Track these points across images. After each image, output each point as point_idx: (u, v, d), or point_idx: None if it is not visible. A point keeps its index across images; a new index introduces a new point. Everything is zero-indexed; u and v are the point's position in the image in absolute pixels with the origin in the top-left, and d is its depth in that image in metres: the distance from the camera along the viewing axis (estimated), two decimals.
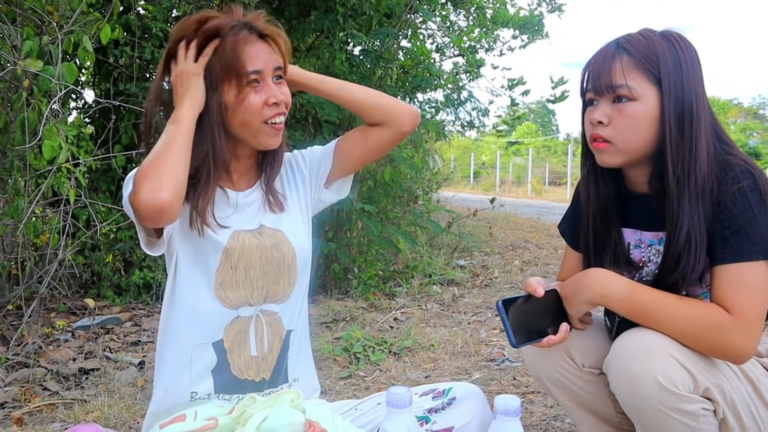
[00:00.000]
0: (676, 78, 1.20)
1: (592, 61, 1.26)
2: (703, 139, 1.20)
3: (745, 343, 1.13)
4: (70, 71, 2.50)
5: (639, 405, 1.15)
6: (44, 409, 2.16)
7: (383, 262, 4.56)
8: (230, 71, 1.20)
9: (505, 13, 5.61)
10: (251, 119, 1.22)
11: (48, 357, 2.62)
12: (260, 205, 1.33)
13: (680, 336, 1.15)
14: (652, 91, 1.20)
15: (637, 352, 1.15)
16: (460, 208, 8.00)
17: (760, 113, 33.13)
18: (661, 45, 1.21)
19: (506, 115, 7.20)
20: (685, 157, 1.19)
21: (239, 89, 1.21)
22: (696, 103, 1.20)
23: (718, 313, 1.14)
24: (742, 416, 1.18)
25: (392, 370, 2.57)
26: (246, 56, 1.21)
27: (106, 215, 3.55)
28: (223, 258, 1.24)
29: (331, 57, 4.29)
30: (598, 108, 1.24)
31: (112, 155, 3.31)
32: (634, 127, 1.21)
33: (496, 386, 2.38)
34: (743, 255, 1.14)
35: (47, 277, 2.76)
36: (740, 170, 1.17)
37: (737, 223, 1.15)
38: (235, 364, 1.26)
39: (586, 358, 1.38)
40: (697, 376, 1.13)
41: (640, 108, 1.20)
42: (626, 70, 1.20)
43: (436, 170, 6.83)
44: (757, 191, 1.15)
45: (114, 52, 3.68)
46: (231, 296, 1.25)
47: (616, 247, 1.35)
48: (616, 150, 1.24)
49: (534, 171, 22.89)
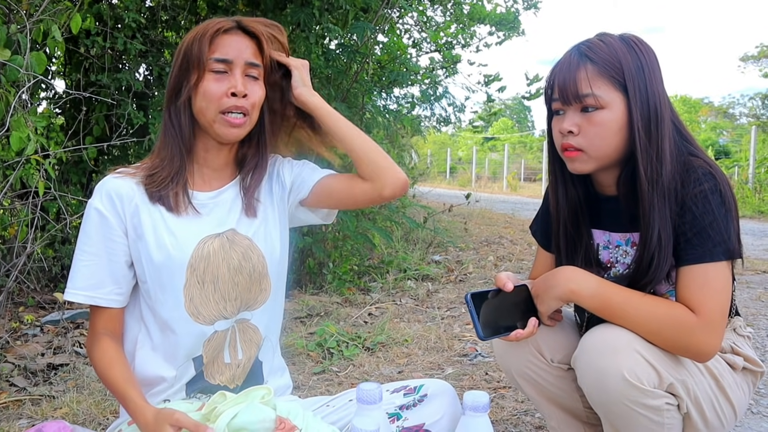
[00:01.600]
0: (640, 82, 1.21)
1: (557, 70, 1.26)
2: (667, 139, 1.22)
3: (709, 342, 1.16)
4: (39, 61, 2.45)
5: (605, 400, 1.17)
6: (11, 405, 2.12)
7: (358, 257, 4.56)
8: (196, 56, 1.22)
9: (481, 10, 5.63)
10: (206, 107, 1.22)
11: (15, 352, 2.58)
12: (232, 206, 1.30)
13: (647, 333, 1.18)
14: (618, 97, 1.22)
15: (603, 348, 1.18)
16: (436, 203, 8.02)
17: (729, 112, 33.77)
18: (622, 50, 1.22)
19: (482, 111, 7.23)
20: (653, 159, 1.21)
21: (200, 74, 1.22)
22: (660, 105, 1.22)
23: (684, 313, 1.16)
24: (705, 411, 1.21)
25: (365, 366, 2.58)
26: (216, 44, 1.22)
27: (77, 208, 3.49)
28: (189, 274, 1.22)
29: (307, 51, 4.27)
30: (566, 117, 1.25)
31: (83, 147, 3.25)
32: (604, 135, 1.22)
33: (468, 381, 2.40)
34: (706, 256, 1.16)
35: (15, 270, 2.71)
36: (702, 172, 1.19)
37: (699, 224, 1.17)
38: (208, 371, 1.26)
39: (556, 353, 1.40)
40: (662, 371, 1.16)
41: (609, 116, 1.22)
42: (591, 79, 1.21)
43: (412, 165, 6.85)
44: (717, 193, 1.17)
45: (85, 42, 3.61)
46: (204, 312, 1.23)
47: (587, 249, 1.37)
48: (588, 158, 1.25)
49: (510, 167, 23.01)
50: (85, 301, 1.20)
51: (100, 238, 1.21)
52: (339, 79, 4.32)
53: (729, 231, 1.17)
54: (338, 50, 4.42)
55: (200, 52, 1.20)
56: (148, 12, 4.04)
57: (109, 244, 1.21)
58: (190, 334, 1.22)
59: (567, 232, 1.39)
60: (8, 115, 2.33)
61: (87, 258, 1.21)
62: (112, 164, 3.84)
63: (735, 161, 14.72)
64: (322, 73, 4.35)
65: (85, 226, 1.22)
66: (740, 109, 33.84)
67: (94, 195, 1.23)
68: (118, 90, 3.70)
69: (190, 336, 1.22)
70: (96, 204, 1.21)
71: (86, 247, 1.21)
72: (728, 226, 1.17)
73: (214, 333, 1.25)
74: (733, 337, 1.34)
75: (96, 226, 1.21)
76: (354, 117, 4.34)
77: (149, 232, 1.21)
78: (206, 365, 1.25)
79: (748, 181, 11.50)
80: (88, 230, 1.21)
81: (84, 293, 1.20)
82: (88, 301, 1.20)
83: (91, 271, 1.20)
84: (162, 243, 1.21)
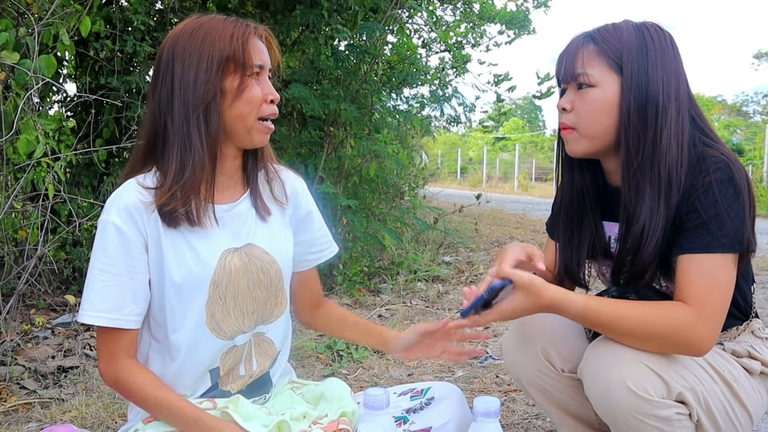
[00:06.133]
0: (639, 66, 1.18)
1: (563, 50, 1.27)
2: (671, 130, 1.17)
3: (707, 334, 1.11)
4: (49, 64, 2.46)
5: (613, 412, 1.14)
6: (20, 408, 2.13)
7: (368, 259, 4.54)
8: (237, 58, 1.15)
9: (491, 8, 5.61)
10: (249, 112, 1.17)
11: (26, 355, 2.58)
12: (246, 218, 1.26)
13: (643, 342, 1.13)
14: (613, 78, 1.20)
15: (607, 360, 1.15)
16: (446, 203, 8.00)
17: (743, 110, 33.49)
18: (628, 34, 1.21)
19: (493, 111, 7.20)
20: (646, 147, 1.18)
21: (242, 78, 1.16)
22: (663, 93, 1.18)
23: (677, 310, 1.12)
24: (718, 419, 1.18)
25: (375, 368, 2.56)
26: (251, 48, 1.17)
27: (88, 210, 3.50)
28: (212, 291, 1.18)
29: (316, 52, 4.27)
30: (565, 96, 1.26)
31: (93, 150, 3.26)
32: (593, 113, 1.21)
33: (479, 384, 2.37)
34: (711, 246, 1.12)
35: (26, 273, 2.71)
36: (714, 161, 1.15)
37: (704, 215, 1.13)
38: (223, 381, 1.24)
39: (566, 362, 1.37)
40: (670, 381, 1.12)
41: (599, 94, 1.20)
42: (587, 58, 1.21)
43: (422, 166, 6.83)
44: (729, 183, 1.13)
45: (95, 45, 3.63)
46: (225, 328, 1.20)
47: (593, 240, 1.34)
48: (579, 136, 1.24)
49: (521, 167, 22.96)
50: (108, 324, 1.13)
51: (122, 256, 1.13)
52: (348, 80, 4.31)
53: (740, 222, 1.12)
54: (347, 51, 4.41)
55: (244, 56, 1.15)
56: (158, 15, 4.05)
57: (130, 261, 1.14)
58: (211, 349, 1.20)
59: (568, 220, 1.36)
60: (16, 118, 2.34)
61: (106, 278, 1.13)
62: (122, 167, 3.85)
63: (749, 159, 14.57)
64: (331, 74, 4.34)
65: (103, 243, 1.13)
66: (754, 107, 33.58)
67: (108, 210, 1.15)
68: (128, 92, 3.72)
69: (210, 351, 1.20)
70: (114, 219, 1.13)
71: (105, 266, 1.13)
72: (741, 217, 1.12)
73: (233, 347, 1.22)
74: (750, 340, 1.30)
75: (115, 242, 1.13)
76: (363, 117, 4.33)
77: (169, 248, 1.16)
78: (222, 377, 1.23)
79: (762, 180, 11.38)
80: (106, 247, 1.13)
81: (106, 315, 1.13)
82: (110, 323, 1.13)
83: (112, 291, 1.13)
84: (183, 259, 1.16)
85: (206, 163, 1.16)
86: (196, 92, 1.14)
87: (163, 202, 1.14)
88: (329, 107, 4.00)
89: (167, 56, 1.17)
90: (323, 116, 4.16)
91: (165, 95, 1.16)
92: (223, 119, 1.17)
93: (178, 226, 1.16)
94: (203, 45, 1.16)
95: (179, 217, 1.15)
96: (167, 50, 1.18)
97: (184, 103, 1.15)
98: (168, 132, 1.16)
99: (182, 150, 1.15)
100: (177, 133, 1.15)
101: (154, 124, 1.18)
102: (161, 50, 1.20)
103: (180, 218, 1.15)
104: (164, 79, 1.17)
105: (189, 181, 1.15)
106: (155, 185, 1.17)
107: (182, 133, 1.15)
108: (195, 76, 1.15)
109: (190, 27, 1.19)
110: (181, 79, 1.15)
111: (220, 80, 1.15)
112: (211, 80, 1.14)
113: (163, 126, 1.16)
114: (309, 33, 4.18)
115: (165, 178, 1.16)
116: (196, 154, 1.15)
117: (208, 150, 1.16)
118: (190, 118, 1.15)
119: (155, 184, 1.17)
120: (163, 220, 1.15)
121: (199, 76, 1.14)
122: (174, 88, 1.15)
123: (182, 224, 1.16)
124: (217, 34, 1.16)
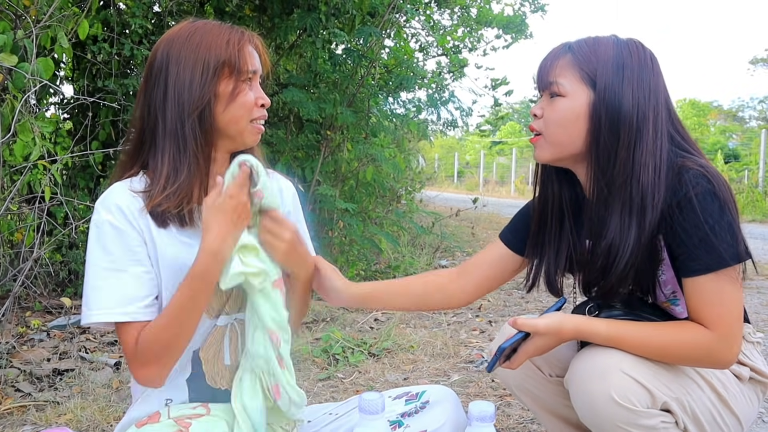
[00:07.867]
0: (613, 81, 1.18)
1: (543, 58, 1.28)
2: (646, 149, 1.16)
3: (731, 352, 1.14)
4: (47, 67, 2.46)
5: (599, 423, 1.15)
6: (15, 411, 2.12)
7: (365, 262, 4.55)
8: (232, 63, 1.17)
9: (488, 13, 5.63)
10: (242, 115, 1.20)
11: (21, 357, 2.58)
12: None
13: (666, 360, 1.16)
14: (583, 90, 1.19)
15: (591, 371, 1.15)
16: (443, 207, 8.00)
17: (739, 115, 33.57)
18: (606, 48, 1.20)
19: (490, 115, 7.22)
20: (617, 164, 1.17)
21: (236, 83, 1.19)
22: (638, 111, 1.17)
23: (698, 335, 1.14)
24: (705, 425, 1.18)
25: (371, 372, 2.56)
26: (245, 54, 1.20)
27: (84, 213, 3.50)
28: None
29: (314, 55, 4.28)
30: (538, 103, 1.27)
31: (90, 152, 3.26)
32: (559, 122, 1.21)
33: (474, 388, 2.38)
34: (711, 267, 1.12)
35: (21, 275, 2.71)
36: (692, 175, 1.13)
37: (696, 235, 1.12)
38: (209, 373, 1.24)
39: (553, 367, 1.38)
40: (654, 391, 1.13)
41: (567, 104, 1.20)
42: (562, 68, 1.22)
43: (419, 170, 6.84)
44: (711, 195, 1.11)
45: (92, 48, 3.63)
46: (213, 303, 1.21)
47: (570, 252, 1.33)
48: (544, 142, 1.25)
49: (518, 171, 22.95)
50: (121, 319, 1.12)
51: (122, 251, 1.13)
52: (345, 84, 4.32)
53: (733, 234, 1.12)
54: (344, 55, 4.42)
55: (239, 61, 1.18)
56: (155, 18, 4.05)
57: (130, 254, 1.14)
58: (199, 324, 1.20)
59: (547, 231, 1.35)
60: (13, 120, 2.34)
61: (109, 275, 1.12)
62: None
63: (745, 165, 14.62)
64: (328, 78, 4.35)
65: (99, 242, 1.13)
66: (750, 112, 33.66)
67: (99, 210, 1.15)
68: (125, 95, 3.72)
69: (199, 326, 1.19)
70: (107, 217, 1.13)
71: (106, 263, 1.12)
72: (732, 229, 1.12)
73: (214, 327, 1.23)
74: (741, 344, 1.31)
75: (113, 238, 1.13)
76: (360, 121, 4.34)
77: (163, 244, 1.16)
78: (206, 364, 1.23)
79: (758, 185, 11.41)
80: (104, 246, 1.13)
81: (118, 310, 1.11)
82: (122, 318, 1.12)
83: (118, 287, 1.12)
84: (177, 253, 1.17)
85: (200, 165, 1.18)
86: (191, 95, 1.16)
87: (156, 204, 1.15)
88: (325, 111, 4.01)
89: (161, 59, 1.18)
90: (320, 120, 4.17)
91: (158, 97, 1.17)
92: (217, 122, 1.19)
93: (169, 227, 1.17)
94: (199, 49, 1.17)
95: (171, 218, 1.17)
96: (161, 53, 1.19)
97: (178, 105, 1.16)
98: (159, 134, 1.17)
99: (176, 152, 1.17)
100: (170, 135, 1.16)
101: (144, 126, 1.19)
102: (154, 53, 1.21)
103: (172, 219, 1.17)
104: (157, 82, 1.18)
105: (183, 183, 1.16)
106: (144, 188, 1.18)
107: (176, 136, 1.16)
108: (190, 79, 1.16)
109: (186, 31, 1.20)
110: (176, 82, 1.16)
111: (215, 84, 1.17)
112: (206, 84, 1.16)
113: (153, 128, 1.18)
114: (306, 37, 4.18)
115: (157, 180, 1.16)
116: (190, 156, 1.17)
117: (202, 152, 1.18)
118: (185, 121, 1.16)
119: (144, 188, 1.18)
120: (154, 221, 1.16)
121: (194, 80, 1.16)
122: (168, 90, 1.16)
123: (174, 225, 1.17)
124: (213, 40, 1.18)
